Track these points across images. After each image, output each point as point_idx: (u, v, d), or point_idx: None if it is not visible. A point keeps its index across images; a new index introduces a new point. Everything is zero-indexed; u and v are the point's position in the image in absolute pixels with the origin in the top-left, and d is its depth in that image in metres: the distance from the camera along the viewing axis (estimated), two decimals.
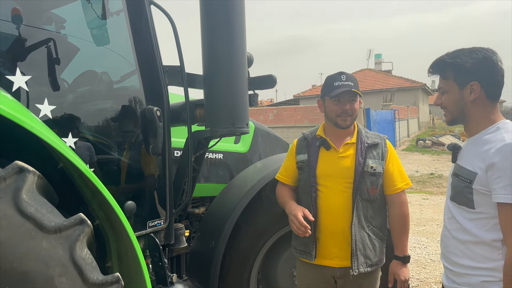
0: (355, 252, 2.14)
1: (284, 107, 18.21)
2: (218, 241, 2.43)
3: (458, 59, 1.69)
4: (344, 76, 2.17)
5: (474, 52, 1.68)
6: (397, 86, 29.75)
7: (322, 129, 2.29)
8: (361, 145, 2.20)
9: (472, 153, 1.68)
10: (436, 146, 20.01)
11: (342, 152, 2.20)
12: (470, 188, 1.64)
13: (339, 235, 2.16)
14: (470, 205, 1.66)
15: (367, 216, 2.17)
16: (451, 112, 1.76)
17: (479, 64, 1.65)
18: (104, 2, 2.04)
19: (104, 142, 1.94)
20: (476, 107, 1.69)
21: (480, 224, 1.64)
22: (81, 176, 1.48)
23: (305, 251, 2.23)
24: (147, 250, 2.07)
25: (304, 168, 2.22)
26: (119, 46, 2.12)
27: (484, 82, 1.66)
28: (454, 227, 1.74)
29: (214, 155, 2.92)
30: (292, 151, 2.32)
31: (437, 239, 5.97)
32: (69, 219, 1.25)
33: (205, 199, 2.93)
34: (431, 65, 1.79)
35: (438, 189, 10.17)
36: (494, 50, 1.69)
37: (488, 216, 1.61)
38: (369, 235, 2.18)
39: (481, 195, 1.61)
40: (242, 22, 2.14)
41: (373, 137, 2.26)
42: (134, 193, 2.02)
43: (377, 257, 2.21)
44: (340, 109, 2.15)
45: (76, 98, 2.00)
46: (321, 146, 2.22)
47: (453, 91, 1.72)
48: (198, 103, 2.25)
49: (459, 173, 1.71)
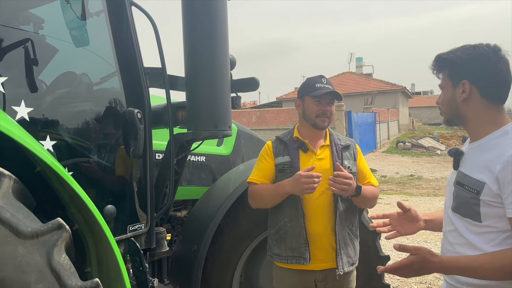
0: (340, 252, 2.17)
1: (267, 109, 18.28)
2: (200, 245, 2.41)
3: (452, 55, 1.55)
4: (324, 79, 2.27)
5: (472, 48, 1.53)
6: (377, 89, 30.19)
7: (297, 131, 2.32)
8: (335, 147, 2.29)
9: (478, 160, 1.51)
10: (415, 148, 20.36)
11: (319, 154, 2.26)
12: (477, 199, 1.46)
13: (323, 237, 2.17)
14: (476, 218, 1.48)
15: (346, 215, 2.22)
16: (445, 112, 1.64)
17: (472, 61, 1.51)
18: (84, 3, 2.00)
19: (83, 145, 1.90)
20: (470, 108, 1.54)
21: (488, 239, 1.46)
22: (59, 179, 1.45)
23: (295, 256, 2.18)
24: (128, 254, 2.04)
25: (286, 170, 2.23)
26: (99, 47, 2.08)
27: (475, 80, 1.50)
28: (457, 241, 1.56)
29: (196, 157, 2.90)
30: (268, 153, 2.31)
31: (417, 240, 6.06)
32: (46, 224, 1.22)
33: (187, 202, 2.91)
34: (433, 61, 1.64)
35: (417, 191, 10.35)
36: (498, 47, 1.51)
37: (496, 230, 1.44)
38: (349, 234, 2.24)
39: (490, 207, 1.44)
40: (224, 24, 2.13)
41: (344, 139, 2.39)
42: (114, 196, 1.98)
43: (356, 255, 2.28)
44: (321, 110, 2.22)
45: (55, 100, 1.96)
46: (299, 148, 2.25)
47: (447, 89, 1.60)
48: (180, 106, 2.24)
49: (463, 182, 1.53)
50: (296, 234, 2.17)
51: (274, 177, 2.27)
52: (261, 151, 2.37)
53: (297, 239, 2.17)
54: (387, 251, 5.43)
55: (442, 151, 19.26)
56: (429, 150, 19.65)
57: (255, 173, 2.31)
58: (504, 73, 1.51)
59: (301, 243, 2.16)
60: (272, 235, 2.30)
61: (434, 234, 6.31)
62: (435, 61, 1.63)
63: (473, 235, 1.51)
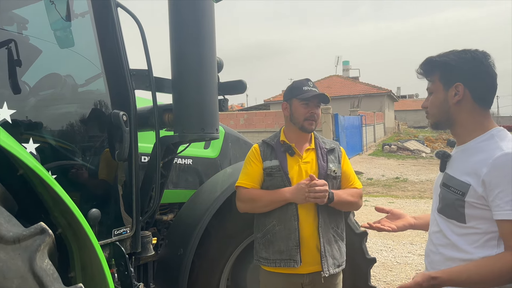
0: (325, 254, 2.17)
1: (255, 112, 18.28)
2: (187, 248, 2.39)
3: (445, 58, 1.58)
4: (310, 82, 2.31)
5: (464, 52, 1.56)
6: (364, 92, 30.48)
7: (284, 134, 2.33)
8: (320, 150, 2.31)
9: (465, 163, 1.53)
10: (401, 151, 20.59)
11: (305, 158, 2.28)
12: (462, 201, 1.49)
13: (309, 239, 2.17)
14: (460, 219, 1.51)
15: (330, 218, 2.23)
16: (434, 115, 1.64)
17: (466, 64, 1.53)
18: (69, 3, 1.98)
19: (67, 148, 1.87)
20: (461, 111, 1.56)
21: (471, 240, 1.49)
22: (42, 183, 1.42)
23: (285, 259, 2.17)
24: (113, 259, 2.01)
25: (275, 174, 2.23)
26: (84, 48, 2.05)
27: (469, 83, 1.53)
28: (441, 242, 1.60)
29: (183, 160, 2.88)
30: (256, 157, 2.30)
31: (402, 242, 6.12)
32: (29, 228, 1.20)
33: (174, 206, 2.88)
34: (420, 64, 1.65)
35: (403, 193, 10.46)
36: (487, 53, 1.55)
37: (479, 231, 1.47)
38: (334, 236, 2.25)
39: (474, 209, 1.47)
40: (211, 26, 2.13)
41: (329, 142, 2.40)
42: (98, 200, 1.95)
43: (342, 257, 2.28)
44: (309, 112, 2.24)
45: (38, 102, 1.92)
46: (286, 151, 2.26)
47: (438, 92, 1.60)
48: (167, 108, 2.22)
49: (449, 184, 1.56)
50: (285, 236, 2.17)
51: (262, 181, 2.27)
52: (248, 154, 2.36)
53: (286, 242, 2.16)
54: (373, 253, 5.48)
55: (427, 153, 19.51)
56: (414, 153, 19.89)
57: (243, 177, 2.29)
58: (494, 78, 1.55)
59: (292, 245, 2.15)
60: (258, 239, 2.28)
61: (420, 236, 6.38)
62: (425, 64, 1.64)
63: (456, 236, 1.53)
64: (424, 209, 8.38)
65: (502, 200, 1.39)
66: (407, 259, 5.42)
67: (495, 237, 1.46)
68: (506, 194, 1.38)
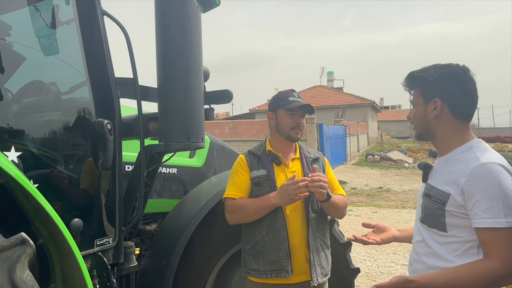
0: (314, 263, 2.18)
1: (240, 120, 18.30)
2: (170, 259, 2.36)
3: (425, 73, 1.64)
4: (295, 93, 2.35)
5: (444, 67, 1.62)
6: (348, 102, 30.86)
7: (269, 144, 2.35)
8: (305, 159, 2.34)
9: (445, 173, 1.59)
10: (384, 161, 20.81)
11: (291, 167, 2.30)
12: (442, 210, 1.54)
13: (298, 249, 2.18)
14: (441, 228, 1.56)
15: (318, 226, 2.25)
16: (416, 127, 1.71)
17: (443, 80, 1.59)
18: (54, 11, 1.96)
19: (50, 156, 1.84)
20: (440, 124, 1.62)
21: (452, 249, 1.53)
22: (23, 192, 1.39)
23: (276, 270, 2.15)
24: (94, 269, 1.97)
25: (262, 184, 2.23)
26: (68, 56, 2.03)
27: (447, 99, 1.59)
28: (424, 251, 1.64)
29: (167, 169, 2.86)
30: (243, 167, 2.30)
31: (386, 252, 6.16)
32: (9, 239, 1.17)
33: (158, 215, 2.85)
34: (405, 78, 1.72)
35: (386, 203, 10.55)
36: (467, 68, 1.60)
37: (460, 240, 1.52)
38: (321, 245, 2.26)
39: (454, 217, 1.52)
40: (198, 35, 2.13)
41: (313, 152, 2.44)
42: (81, 210, 1.92)
43: (329, 266, 2.30)
44: (295, 122, 2.28)
45: (21, 109, 1.89)
46: (273, 161, 2.28)
47: (419, 106, 1.67)
48: (152, 117, 2.20)
49: (430, 194, 1.61)
50: (275, 247, 2.16)
51: (250, 191, 2.27)
52: (234, 165, 2.35)
53: (276, 252, 2.15)
54: (357, 263, 5.50)
55: (410, 164, 19.78)
56: (397, 163, 20.13)
57: (231, 188, 2.27)
58: (473, 93, 1.61)
59: (282, 255, 2.15)
60: (247, 250, 2.25)
61: (403, 246, 6.43)
62: (408, 78, 1.71)
63: (438, 245, 1.58)
64: (407, 219, 8.47)
65: (479, 209, 1.44)
66: (390, 269, 5.46)
67: (475, 246, 1.50)
68: (483, 203, 1.43)
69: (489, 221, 1.42)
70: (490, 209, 1.42)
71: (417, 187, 12.77)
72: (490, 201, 1.42)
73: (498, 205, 1.41)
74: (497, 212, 1.41)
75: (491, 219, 1.42)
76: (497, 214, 1.41)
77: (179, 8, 2.06)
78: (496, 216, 1.41)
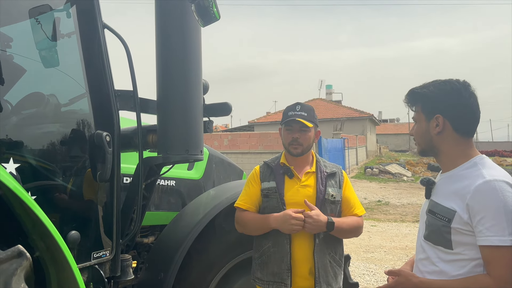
0: (319, 280, 2.15)
1: (239, 133, 18.33)
2: (168, 272, 2.34)
3: (425, 90, 1.63)
4: (299, 106, 2.29)
5: (444, 83, 1.61)
6: (346, 116, 30.96)
7: (284, 157, 2.35)
8: (320, 174, 2.28)
9: (450, 190, 1.57)
10: (383, 174, 20.79)
11: (304, 181, 2.27)
12: (448, 227, 1.52)
13: (302, 263, 2.16)
14: (447, 245, 1.54)
15: (328, 243, 2.20)
16: (419, 143, 1.70)
17: (444, 97, 1.58)
18: (55, 23, 1.98)
19: (48, 168, 1.84)
20: (443, 141, 1.61)
21: (458, 266, 1.52)
22: (21, 204, 1.38)
23: (277, 282, 2.17)
24: (91, 282, 1.95)
25: (271, 196, 2.23)
26: (69, 68, 2.05)
27: (448, 115, 1.58)
28: (428, 269, 1.61)
29: (166, 181, 2.85)
30: (255, 178, 2.33)
31: (385, 266, 6.12)
32: (5, 251, 1.16)
33: (155, 228, 2.83)
34: (405, 95, 1.72)
35: (385, 216, 10.51)
36: (468, 83, 1.60)
37: (466, 257, 1.50)
38: (330, 262, 2.21)
39: (460, 235, 1.50)
40: (197, 48, 2.15)
41: (331, 166, 2.37)
42: (78, 222, 1.91)
43: (337, 284, 2.25)
44: (291, 137, 2.26)
45: (20, 121, 1.89)
46: (285, 174, 2.26)
47: (421, 122, 1.66)
48: (151, 129, 2.21)
49: (435, 210, 1.59)
50: (278, 259, 2.17)
51: (260, 202, 2.28)
52: (249, 175, 2.39)
53: (279, 264, 2.16)
54: (356, 277, 5.46)
55: (409, 177, 19.76)
56: (396, 176, 20.11)
57: (242, 198, 2.32)
58: (474, 108, 1.59)
59: (284, 268, 2.15)
60: (256, 259, 2.29)
61: (402, 260, 6.40)
62: (409, 95, 1.70)
63: (443, 263, 1.56)
64: (406, 233, 8.43)
65: (484, 226, 1.43)
66: None
67: (481, 264, 1.48)
68: (487, 220, 1.42)
69: (494, 239, 1.41)
70: (495, 227, 1.41)
71: (416, 200, 12.74)
72: (494, 218, 1.41)
73: (502, 222, 1.41)
74: (501, 230, 1.41)
75: (495, 237, 1.41)
76: (501, 232, 1.40)
77: (180, 22, 2.08)
78: (500, 234, 1.40)
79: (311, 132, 2.29)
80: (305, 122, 2.21)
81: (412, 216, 10.33)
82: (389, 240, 7.89)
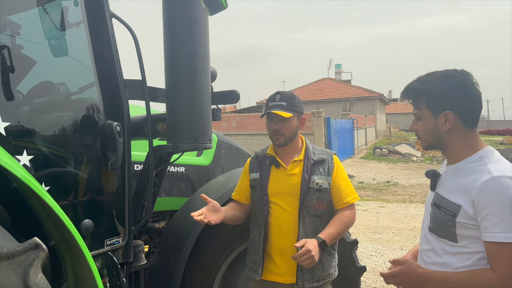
0: (300, 268, 2.17)
1: (247, 114, 18.31)
2: (179, 257, 2.40)
3: (428, 86, 1.58)
4: (278, 96, 2.23)
5: (446, 77, 1.57)
6: (355, 95, 30.68)
7: (272, 147, 2.35)
8: (307, 162, 2.23)
9: (455, 183, 1.57)
10: (392, 155, 20.72)
11: (290, 170, 2.25)
12: (453, 221, 1.53)
13: (287, 252, 2.17)
14: (452, 239, 1.55)
15: (316, 231, 2.16)
16: (426, 140, 1.67)
17: (452, 91, 1.55)
18: (63, 13, 1.98)
19: (60, 158, 1.87)
20: (453, 136, 1.59)
21: (463, 259, 1.53)
22: (35, 196, 1.42)
23: (253, 269, 2.28)
24: (105, 269, 2.01)
25: (256, 187, 2.28)
26: (78, 58, 2.05)
27: (458, 110, 1.55)
28: (433, 260, 1.63)
29: (176, 168, 2.88)
30: (245, 170, 2.39)
31: (392, 247, 6.17)
32: (23, 244, 1.20)
33: (166, 213, 2.88)
34: (403, 91, 1.68)
35: (394, 197, 10.53)
36: (468, 72, 1.58)
37: (470, 251, 1.52)
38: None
39: (465, 229, 1.51)
40: (205, 36, 2.14)
41: (320, 153, 2.29)
42: (91, 210, 1.96)
43: (324, 272, 2.24)
44: (271, 129, 2.24)
45: (31, 111, 1.92)
46: (272, 164, 2.27)
47: (428, 119, 1.62)
48: (160, 117, 2.23)
49: (440, 204, 1.60)
50: (257, 247, 2.26)
51: (249, 194, 2.34)
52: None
53: (256, 253, 2.27)
54: (363, 258, 5.52)
55: (418, 157, 19.67)
56: (405, 157, 20.04)
57: (236, 190, 2.41)
58: (479, 98, 1.58)
59: (258, 257, 2.26)
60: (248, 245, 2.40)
61: (410, 241, 6.44)
62: (409, 92, 1.66)
63: (448, 255, 1.58)
64: (414, 214, 8.46)
65: (489, 222, 1.44)
66: None
67: (486, 257, 1.50)
68: (493, 217, 1.43)
69: (500, 236, 1.42)
70: (500, 224, 1.42)
71: (425, 181, 12.70)
72: (500, 215, 1.42)
73: (508, 219, 1.41)
74: (507, 226, 1.41)
75: (501, 233, 1.42)
76: (507, 229, 1.41)
77: (187, 10, 2.07)
78: (506, 231, 1.41)
79: (293, 121, 2.22)
80: (281, 113, 2.15)
81: (421, 196, 10.33)
82: (398, 221, 7.92)
